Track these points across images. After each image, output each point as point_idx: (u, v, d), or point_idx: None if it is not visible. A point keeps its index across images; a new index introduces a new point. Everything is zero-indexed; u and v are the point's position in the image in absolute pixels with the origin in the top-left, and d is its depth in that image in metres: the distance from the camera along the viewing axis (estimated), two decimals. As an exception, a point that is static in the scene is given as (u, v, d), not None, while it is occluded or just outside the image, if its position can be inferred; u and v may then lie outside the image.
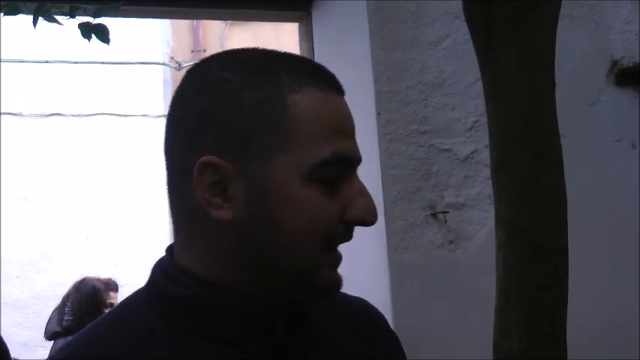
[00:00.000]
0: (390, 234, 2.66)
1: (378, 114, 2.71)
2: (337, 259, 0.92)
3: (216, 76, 0.92)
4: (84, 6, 2.04)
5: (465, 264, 2.69)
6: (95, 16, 2.04)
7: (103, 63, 6.94)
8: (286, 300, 0.92)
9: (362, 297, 1.13)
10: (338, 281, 0.92)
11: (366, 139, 2.75)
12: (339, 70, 3.25)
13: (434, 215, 2.70)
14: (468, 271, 2.67)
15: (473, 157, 2.76)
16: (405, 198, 2.69)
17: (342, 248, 0.92)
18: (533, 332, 1.42)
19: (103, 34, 2.09)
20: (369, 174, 2.73)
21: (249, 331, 0.90)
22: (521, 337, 1.41)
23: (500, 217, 1.49)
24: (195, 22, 7.53)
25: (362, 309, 1.10)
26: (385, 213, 2.66)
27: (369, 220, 0.90)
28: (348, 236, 0.91)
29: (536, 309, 1.44)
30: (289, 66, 0.92)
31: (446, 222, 2.70)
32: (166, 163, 0.94)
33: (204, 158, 0.87)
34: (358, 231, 0.92)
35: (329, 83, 0.92)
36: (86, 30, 2.08)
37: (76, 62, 6.70)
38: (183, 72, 6.93)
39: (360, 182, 0.91)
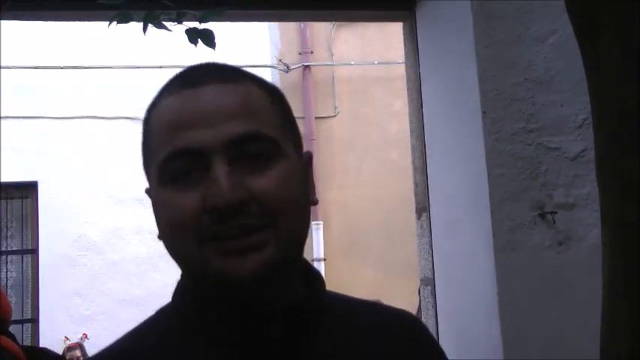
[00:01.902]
0: (496, 234, 2.61)
1: (484, 112, 2.66)
2: (229, 246, 0.89)
3: None
4: (190, 12, 2.09)
5: (574, 266, 2.61)
6: (201, 21, 2.10)
7: (213, 67, 7.10)
8: (283, 301, 0.94)
9: (468, 297, 1.12)
10: (233, 270, 0.88)
11: (472, 138, 2.72)
12: (443, 69, 3.22)
13: (542, 215, 2.63)
14: (578, 272, 2.59)
15: (583, 156, 2.67)
16: (512, 198, 2.64)
17: (448, 249, 0.89)
18: (640, 337, 1.37)
19: (208, 38, 2.15)
20: (475, 174, 2.70)
21: (244, 333, 0.93)
22: (628, 340, 1.36)
23: (606, 216, 1.44)
24: (302, 24, 7.61)
25: (396, 321, 1.09)
26: (492, 213, 2.62)
27: (216, 205, 0.88)
28: (217, 225, 0.88)
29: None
30: (165, 83, 0.98)
31: (554, 222, 2.63)
32: None
33: (146, 187, 0.99)
34: (464, 231, 0.90)
35: (183, 82, 0.95)
36: (193, 35, 2.14)
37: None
38: (292, 74, 7.10)
39: (217, 169, 0.89)
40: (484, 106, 2.66)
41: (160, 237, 0.96)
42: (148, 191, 0.98)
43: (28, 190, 7.18)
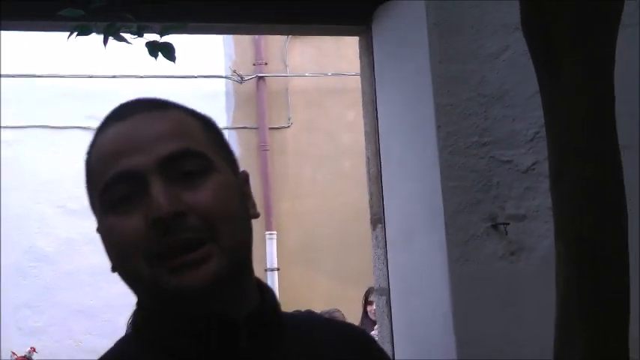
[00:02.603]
0: (450, 246, 2.67)
1: (438, 127, 2.72)
2: (177, 262, 0.92)
3: None
4: (151, 25, 2.11)
5: (526, 276, 2.68)
6: (162, 34, 2.11)
7: (167, 77, 7.09)
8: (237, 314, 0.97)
9: (423, 307, 1.16)
10: (183, 284, 0.92)
11: (427, 151, 2.77)
12: (399, 83, 3.26)
13: (495, 227, 2.70)
14: (529, 283, 2.65)
15: (534, 169, 2.75)
16: (465, 210, 2.70)
17: (403, 260, 0.93)
18: (594, 348, 1.41)
19: (169, 52, 2.16)
20: (430, 186, 2.75)
21: (207, 346, 0.96)
22: (582, 352, 1.41)
23: (560, 229, 1.49)
24: (257, 35, 7.62)
25: (349, 337, 1.12)
26: (446, 225, 2.67)
27: (155, 217, 0.91)
28: (162, 238, 0.92)
29: (598, 324, 1.43)
30: (99, 124, 1.02)
31: (507, 234, 2.70)
32: None
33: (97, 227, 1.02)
34: (419, 242, 0.94)
35: (114, 117, 1.00)
36: (153, 48, 2.15)
37: (141, 77, 6.86)
38: (246, 85, 7.09)
39: (153, 187, 0.93)
40: (438, 119, 2.72)
41: (113, 269, 0.99)
42: (98, 230, 1.01)
43: (-22, 199, 7.05)
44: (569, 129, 1.51)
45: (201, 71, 7.45)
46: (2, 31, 2.79)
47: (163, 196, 0.91)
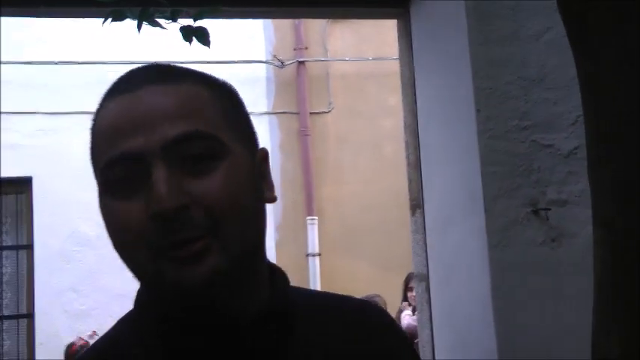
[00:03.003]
0: (490, 231, 2.62)
1: (478, 110, 2.67)
2: (177, 255, 0.86)
3: None
4: (185, 9, 2.10)
5: (567, 262, 2.63)
6: (195, 18, 2.10)
7: (207, 62, 7.10)
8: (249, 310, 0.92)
9: (463, 294, 1.12)
10: (183, 278, 0.86)
11: (466, 135, 2.73)
12: (437, 66, 3.23)
13: (535, 212, 2.65)
14: (570, 269, 2.60)
15: (576, 153, 2.69)
16: (505, 195, 2.65)
17: (442, 246, 0.89)
18: (631, 336, 1.38)
19: (203, 36, 2.15)
20: (469, 171, 2.71)
21: (209, 344, 0.91)
22: (620, 341, 1.38)
23: (596, 215, 1.45)
24: (297, 20, 7.60)
25: (363, 313, 1.07)
26: (485, 210, 2.63)
27: (155, 212, 0.85)
28: (163, 232, 0.85)
29: (633, 310, 1.39)
30: (107, 89, 0.95)
31: (548, 219, 2.65)
32: None
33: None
34: (458, 228, 0.90)
35: (121, 87, 0.92)
36: (187, 33, 2.15)
37: (183, 62, 6.87)
38: (286, 69, 7.09)
39: (155, 174, 0.86)
40: (478, 103, 2.67)
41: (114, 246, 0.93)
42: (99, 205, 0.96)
43: (22, 186, 7.18)
44: (605, 113, 1.47)
45: (241, 56, 7.46)
46: (40, 18, 2.80)
47: (165, 187, 0.84)
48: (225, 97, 0.96)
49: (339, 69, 7.94)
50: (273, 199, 0.97)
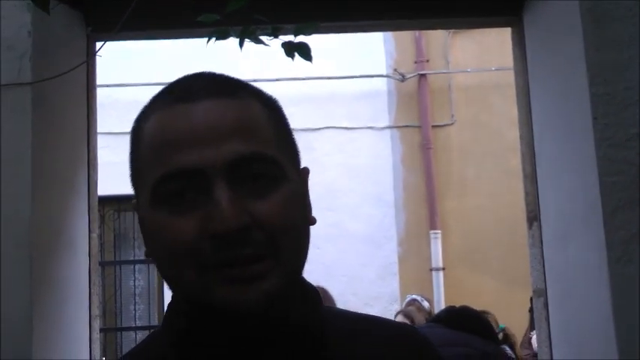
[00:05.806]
0: (610, 245, 2.50)
1: (595, 118, 2.56)
2: (231, 274, 0.83)
3: None
4: (285, 26, 2.12)
5: (695, 278, 2.46)
6: (296, 34, 2.12)
7: (328, 78, 7.17)
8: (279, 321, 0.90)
9: (582, 310, 1.06)
10: (235, 300, 0.83)
11: (583, 145, 2.62)
12: (552, 74, 3.12)
13: (659, 225, 2.50)
14: (698, 285, 2.44)
15: None
16: (626, 206, 2.52)
17: (560, 260, 0.84)
18: None
19: (304, 51, 2.17)
20: (587, 181, 2.59)
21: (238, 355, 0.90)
22: None
23: None
24: (417, 32, 7.57)
25: (399, 336, 1.04)
26: (605, 223, 2.51)
27: (218, 232, 0.81)
28: (219, 250, 0.83)
29: None
30: (157, 94, 0.92)
31: (673, 232, 2.49)
32: None
33: (133, 200, 0.94)
34: (576, 241, 0.85)
35: (176, 95, 0.88)
36: (289, 49, 2.17)
37: (303, 79, 6.98)
38: (407, 83, 7.05)
39: (218, 192, 0.83)
40: (595, 111, 2.56)
41: (147, 255, 0.92)
42: (135, 205, 0.94)
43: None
44: None
45: (362, 71, 7.49)
46: (145, 40, 2.89)
47: (230, 207, 0.82)
48: (277, 114, 0.95)
49: (461, 81, 7.83)
50: (314, 222, 0.96)
